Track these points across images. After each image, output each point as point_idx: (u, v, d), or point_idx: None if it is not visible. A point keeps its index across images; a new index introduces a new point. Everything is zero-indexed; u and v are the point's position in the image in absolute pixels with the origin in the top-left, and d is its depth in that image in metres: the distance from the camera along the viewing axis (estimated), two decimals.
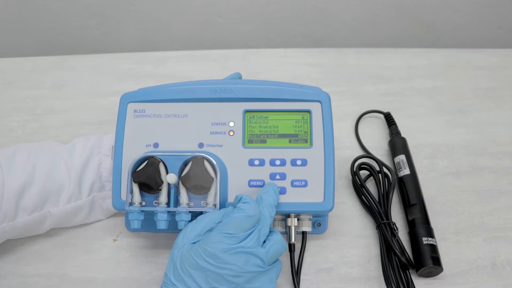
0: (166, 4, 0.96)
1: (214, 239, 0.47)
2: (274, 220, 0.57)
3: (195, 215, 0.53)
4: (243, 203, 0.50)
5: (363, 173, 0.67)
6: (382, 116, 0.77)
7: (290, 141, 0.57)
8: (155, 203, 0.54)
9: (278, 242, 0.50)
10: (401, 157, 0.68)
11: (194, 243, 0.49)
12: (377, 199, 0.63)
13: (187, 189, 0.54)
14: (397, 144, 0.70)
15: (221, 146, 0.57)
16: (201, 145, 0.57)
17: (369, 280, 0.58)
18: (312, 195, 0.56)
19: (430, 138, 0.74)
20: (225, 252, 0.47)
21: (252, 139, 0.58)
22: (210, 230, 0.50)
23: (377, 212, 0.61)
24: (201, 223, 0.50)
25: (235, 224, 0.48)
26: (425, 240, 0.58)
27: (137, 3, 0.96)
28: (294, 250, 0.57)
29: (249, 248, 0.47)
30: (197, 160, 0.54)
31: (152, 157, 0.54)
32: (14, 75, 0.85)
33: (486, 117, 0.77)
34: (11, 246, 0.60)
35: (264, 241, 0.50)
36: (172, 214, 0.54)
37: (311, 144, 0.57)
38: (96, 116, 0.77)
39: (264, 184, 0.56)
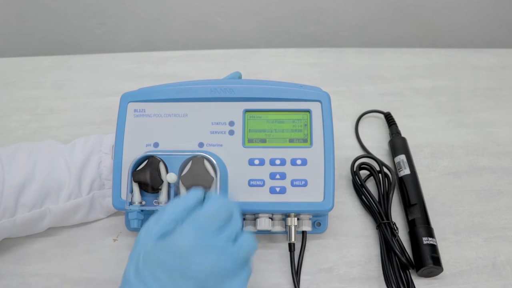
0: (166, 4, 0.96)
1: (183, 233, 0.43)
2: (274, 220, 0.57)
3: None
4: (214, 197, 0.47)
5: (363, 173, 0.67)
6: (382, 116, 0.77)
7: (290, 141, 0.57)
8: (155, 202, 0.54)
9: (248, 241, 0.46)
10: (401, 157, 0.68)
11: (159, 238, 0.44)
12: (377, 199, 0.63)
13: (187, 189, 0.53)
14: (397, 144, 0.70)
15: (221, 145, 0.57)
16: (201, 144, 0.57)
17: (369, 280, 0.58)
18: (312, 195, 0.55)
19: (430, 138, 0.74)
20: (195, 249, 0.43)
21: (252, 138, 0.58)
22: (176, 220, 0.45)
23: (377, 212, 0.61)
24: (163, 214, 0.45)
25: (206, 218, 0.44)
26: (425, 240, 0.58)
27: (137, 3, 0.96)
28: (294, 250, 0.57)
29: (220, 245, 0.44)
30: (197, 160, 0.54)
31: (152, 156, 0.54)
32: (14, 75, 0.85)
33: (486, 117, 0.77)
34: (11, 245, 0.60)
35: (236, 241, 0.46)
36: None
37: (311, 143, 0.57)
38: (96, 116, 0.77)
39: (264, 183, 0.56)
